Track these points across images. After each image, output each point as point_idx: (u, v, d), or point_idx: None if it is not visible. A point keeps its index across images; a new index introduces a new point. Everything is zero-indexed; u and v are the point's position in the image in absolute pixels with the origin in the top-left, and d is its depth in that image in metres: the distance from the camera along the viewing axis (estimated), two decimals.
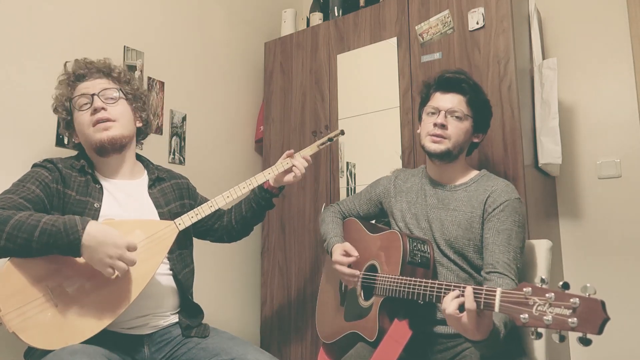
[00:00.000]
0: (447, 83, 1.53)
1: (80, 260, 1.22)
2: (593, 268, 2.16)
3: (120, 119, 1.43)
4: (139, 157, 1.57)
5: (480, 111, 1.54)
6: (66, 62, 1.48)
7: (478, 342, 1.12)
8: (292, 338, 2.31)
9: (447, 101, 1.51)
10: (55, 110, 1.47)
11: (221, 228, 1.68)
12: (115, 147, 1.42)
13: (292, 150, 1.64)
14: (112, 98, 1.43)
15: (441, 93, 1.53)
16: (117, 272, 1.19)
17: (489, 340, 1.12)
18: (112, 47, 2.03)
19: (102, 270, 1.19)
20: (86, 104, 1.41)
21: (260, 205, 1.63)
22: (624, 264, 2.10)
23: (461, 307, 1.09)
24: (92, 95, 1.41)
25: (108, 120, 1.40)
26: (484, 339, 1.11)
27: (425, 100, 1.59)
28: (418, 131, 1.62)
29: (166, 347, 1.37)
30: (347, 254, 1.53)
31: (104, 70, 1.48)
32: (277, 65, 2.58)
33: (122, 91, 1.47)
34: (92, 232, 1.17)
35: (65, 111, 1.45)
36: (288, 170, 1.61)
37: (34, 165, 1.38)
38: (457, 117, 1.49)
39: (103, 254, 1.17)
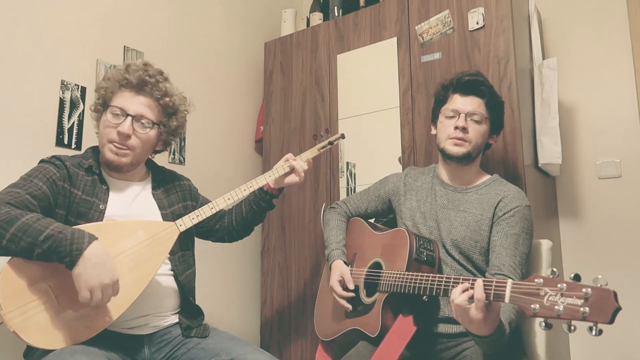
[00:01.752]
0: (467, 85, 1.52)
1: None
2: (593, 268, 2.16)
3: (138, 148, 1.41)
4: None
5: (496, 113, 1.55)
6: (130, 63, 1.43)
7: (482, 338, 1.12)
8: (292, 338, 2.31)
9: (467, 104, 1.50)
10: (98, 90, 1.43)
11: (222, 228, 1.68)
12: (119, 171, 1.43)
13: (291, 154, 1.62)
14: (144, 128, 1.40)
15: (460, 95, 1.52)
16: (92, 300, 1.15)
17: (494, 337, 1.11)
18: (112, 47, 2.03)
19: (81, 289, 1.14)
20: (117, 116, 1.38)
21: (260, 206, 1.63)
22: (624, 264, 2.10)
23: (470, 299, 1.08)
24: (128, 115, 1.38)
25: (126, 148, 1.39)
26: (489, 335, 1.10)
27: (442, 102, 1.57)
28: (433, 132, 1.61)
29: (166, 347, 1.37)
30: (343, 282, 1.53)
31: (157, 95, 1.43)
32: (277, 65, 2.58)
33: (159, 124, 1.44)
34: (96, 250, 1.16)
35: (102, 100, 1.43)
36: (288, 172, 1.60)
37: (42, 161, 1.37)
38: (476, 120, 1.49)
39: (93, 275, 1.14)
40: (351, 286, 1.52)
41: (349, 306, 1.51)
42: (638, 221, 2.10)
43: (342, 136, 1.74)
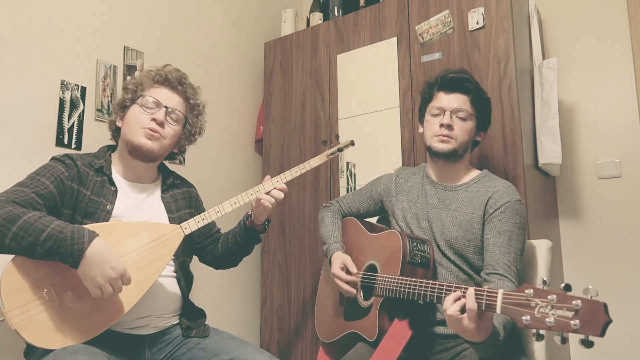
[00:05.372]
0: (451, 83, 1.52)
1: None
2: (593, 268, 2.16)
3: (167, 139, 1.46)
4: None
5: (482, 110, 1.55)
6: (167, 64, 1.53)
7: (477, 344, 1.12)
8: (292, 338, 2.31)
9: (452, 101, 1.51)
10: (126, 89, 1.48)
11: (210, 252, 1.63)
12: (145, 158, 1.43)
13: (268, 176, 1.53)
14: (175, 120, 1.47)
15: (445, 93, 1.53)
16: (104, 295, 1.17)
17: (488, 342, 1.11)
18: (112, 47, 2.03)
19: (90, 288, 1.16)
20: (152, 108, 1.43)
21: (244, 239, 1.57)
22: (624, 264, 2.10)
23: (462, 309, 1.08)
24: (163, 106, 1.44)
25: (158, 134, 1.43)
26: (483, 341, 1.11)
27: (427, 100, 1.58)
28: (420, 131, 1.61)
29: (167, 348, 1.38)
30: (345, 268, 1.53)
31: (187, 94, 1.51)
32: (277, 65, 2.58)
33: (187, 120, 1.51)
34: (97, 247, 1.16)
35: (132, 95, 1.46)
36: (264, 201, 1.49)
37: (53, 159, 1.38)
38: (462, 117, 1.50)
39: (98, 272, 1.15)
40: (354, 270, 1.51)
41: (353, 290, 1.50)
42: (638, 221, 2.10)
43: (352, 143, 1.71)
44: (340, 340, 1.56)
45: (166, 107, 1.44)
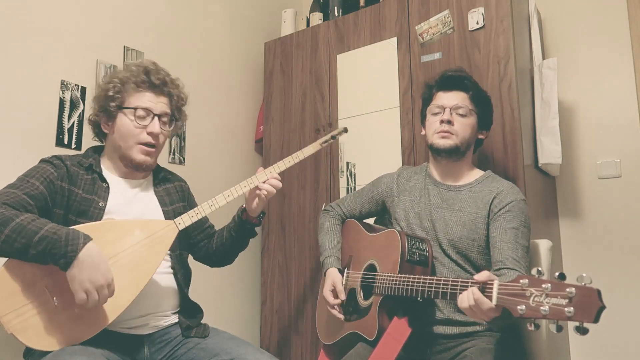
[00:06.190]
0: (449, 81, 1.55)
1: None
2: (593, 268, 2.16)
3: (161, 146, 1.46)
4: None
5: (483, 107, 1.56)
6: (140, 61, 1.49)
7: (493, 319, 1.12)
8: (292, 338, 2.31)
9: (451, 99, 1.52)
10: (106, 96, 1.40)
11: (204, 248, 1.62)
12: (147, 170, 1.45)
13: (261, 168, 1.52)
14: (166, 125, 1.46)
15: (444, 92, 1.55)
16: (88, 301, 1.15)
17: (503, 315, 1.10)
18: (112, 47, 2.03)
19: (76, 291, 1.14)
20: (144, 117, 1.40)
21: (239, 233, 1.55)
22: (624, 264, 2.10)
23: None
24: (154, 115, 1.41)
25: (155, 147, 1.43)
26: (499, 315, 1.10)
27: (428, 100, 1.60)
28: (422, 133, 1.63)
29: (166, 348, 1.37)
30: (335, 291, 1.54)
31: (171, 94, 1.47)
32: (277, 65, 2.58)
33: (174, 120, 1.50)
34: (91, 250, 1.15)
35: (116, 103, 1.40)
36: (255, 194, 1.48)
37: (42, 161, 1.37)
38: (461, 113, 1.51)
39: (87, 276, 1.14)
40: (342, 296, 1.53)
41: (341, 316, 1.53)
42: (638, 221, 2.10)
43: (345, 130, 1.69)
44: (341, 341, 1.56)
45: (158, 115, 1.42)
